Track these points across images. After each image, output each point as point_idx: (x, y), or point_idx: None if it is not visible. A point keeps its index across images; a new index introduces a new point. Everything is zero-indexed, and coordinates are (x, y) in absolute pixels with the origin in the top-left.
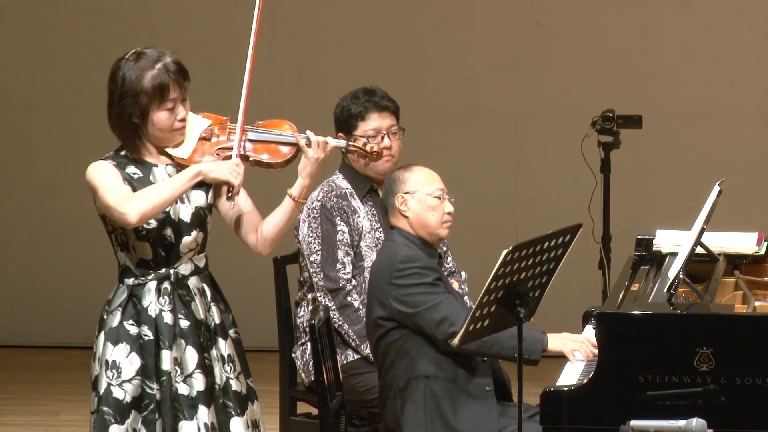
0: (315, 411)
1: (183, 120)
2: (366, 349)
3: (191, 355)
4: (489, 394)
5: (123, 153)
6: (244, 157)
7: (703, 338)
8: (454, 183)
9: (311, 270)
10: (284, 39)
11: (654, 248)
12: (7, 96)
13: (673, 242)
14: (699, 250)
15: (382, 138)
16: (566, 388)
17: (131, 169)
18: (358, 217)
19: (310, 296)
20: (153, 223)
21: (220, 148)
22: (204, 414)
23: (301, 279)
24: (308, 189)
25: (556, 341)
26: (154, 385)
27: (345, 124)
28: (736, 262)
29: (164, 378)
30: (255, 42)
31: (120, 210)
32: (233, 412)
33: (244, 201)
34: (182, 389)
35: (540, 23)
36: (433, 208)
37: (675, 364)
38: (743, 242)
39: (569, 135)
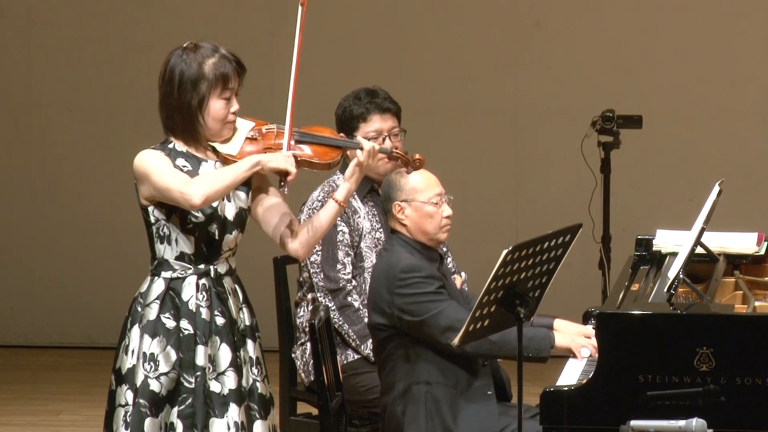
0: (315, 411)
1: (235, 113)
2: (366, 349)
3: (225, 353)
4: (490, 398)
5: (171, 145)
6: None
7: (703, 338)
8: (454, 183)
9: (311, 270)
10: (284, 39)
11: (654, 248)
12: (7, 96)
13: (673, 242)
14: (699, 250)
15: (384, 139)
16: (566, 388)
17: (180, 162)
18: (359, 217)
19: (310, 296)
20: (201, 217)
21: (266, 148)
22: (234, 412)
23: (301, 279)
24: (352, 193)
25: (563, 338)
26: (192, 380)
27: (346, 124)
28: (736, 262)
29: (199, 373)
30: (299, 50)
31: (184, 190)
32: (257, 415)
33: (282, 205)
34: (214, 387)
35: (540, 23)
36: (431, 216)
37: (675, 364)
38: (743, 242)
39: (569, 135)
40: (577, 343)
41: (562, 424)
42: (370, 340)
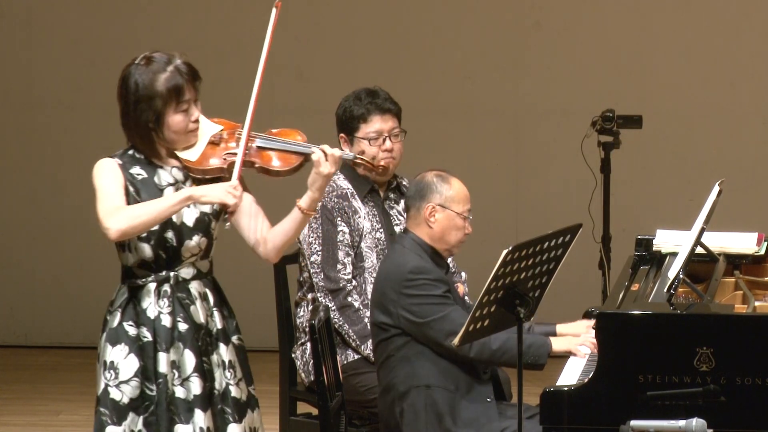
0: (315, 411)
1: (197, 121)
2: (366, 350)
3: (189, 359)
4: (490, 404)
5: (131, 152)
6: (250, 164)
7: (703, 338)
8: None
9: (311, 270)
10: (284, 39)
11: (654, 248)
12: (7, 96)
13: (673, 242)
14: (699, 250)
15: (384, 140)
16: (566, 388)
17: (136, 170)
18: (359, 217)
19: (310, 296)
20: (155, 226)
21: (227, 153)
22: (200, 418)
23: (301, 279)
24: (317, 202)
25: (559, 342)
26: (153, 387)
27: (347, 125)
28: (736, 262)
29: (160, 380)
30: (268, 53)
31: (104, 222)
32: (231, 419)
33: (252, 209)
34: (179, 392)
35: (540, 23)
36: (458, 228)
37: (675, 364)
38: (743, 242)
39: (569, 135)
40: (574, 343)
41: (562, 424)
42: (371, 341)
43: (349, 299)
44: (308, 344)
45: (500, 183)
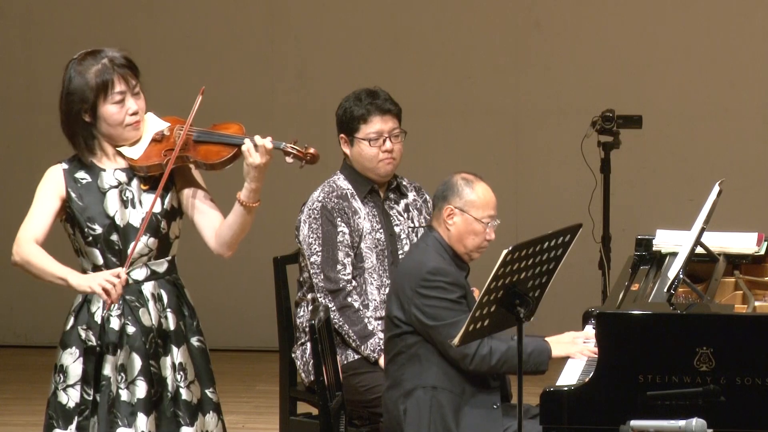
0: (315, 411)
1: (135, 114)
2: (366, 350)
3: (136, 362)
4: (496, 410)
5: (78, 157)
6: (185, 158)
7: (703, 338)
8: None
9: (311, 271)
10: (284, 39)
11: (654, 248)
12: (8, 96)
13: (673, 242)
14: (699, 250)
15: (384, 141)
16: (566, 388)
17: (80, 174)
18: (359, 218)
19: (309, 296)
20: (98, 229)
21: (167, 150)
22: (143, 422)
23: (301, 279)
24: (256, 192)
25: (559, 348)
26: (91, 391)
27: (347, 125)
28: (736, 262)
29: (104, 383)
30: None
31: (14, 247)
32: (182, 422)
33: (204, 206)
34: (124, 395)
35: (540, 23)
36: (476, 233)
37: (675, 364)
38: (743, 242)
39: (569, 135)
40: (574, 350)
41: (562, 424)
42: (371, 340)
43: (349, 300)
44: (308, 344)
45: (500, 183)
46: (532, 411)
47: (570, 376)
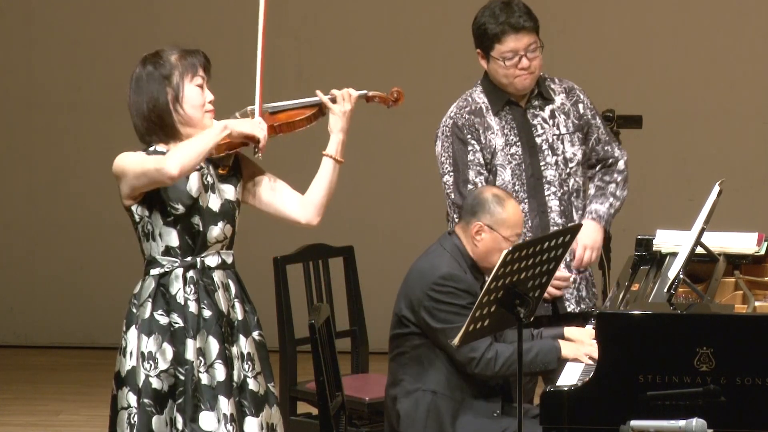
0: (315, 411)
1: (212, 103)
2: None
3: (213, 345)
4: (495, 418)
5: (152, 148)
6: (269, 129)
7: (703, 338)
8: None
9: (445, 191)
10: (284, 39)
11: (654, 248)
12: (8, 96)
13: (673, 242)
14: (699, 250)
15: (520, 59)
16: (566, 388)
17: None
18: (491, 133)
19: None
20: (181, 209)
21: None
22: (225, 405)
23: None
24: (343, 145)
25: (569, 349)
26: (184, 372)
27: (481, 42)
28: (736, 262)
29: (187, 367)
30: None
31: (158, 166)
32: (248, 412)
33: (273, 184)
34: (204, 379)
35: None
36: (501, 251)
37: (675, 364)
38: (743, 242)
39: None
40: (582, 351)
41: (562, 424)
42: None
43: None
44: None
45: None
46: (532, 411)
47: (570, 376)
